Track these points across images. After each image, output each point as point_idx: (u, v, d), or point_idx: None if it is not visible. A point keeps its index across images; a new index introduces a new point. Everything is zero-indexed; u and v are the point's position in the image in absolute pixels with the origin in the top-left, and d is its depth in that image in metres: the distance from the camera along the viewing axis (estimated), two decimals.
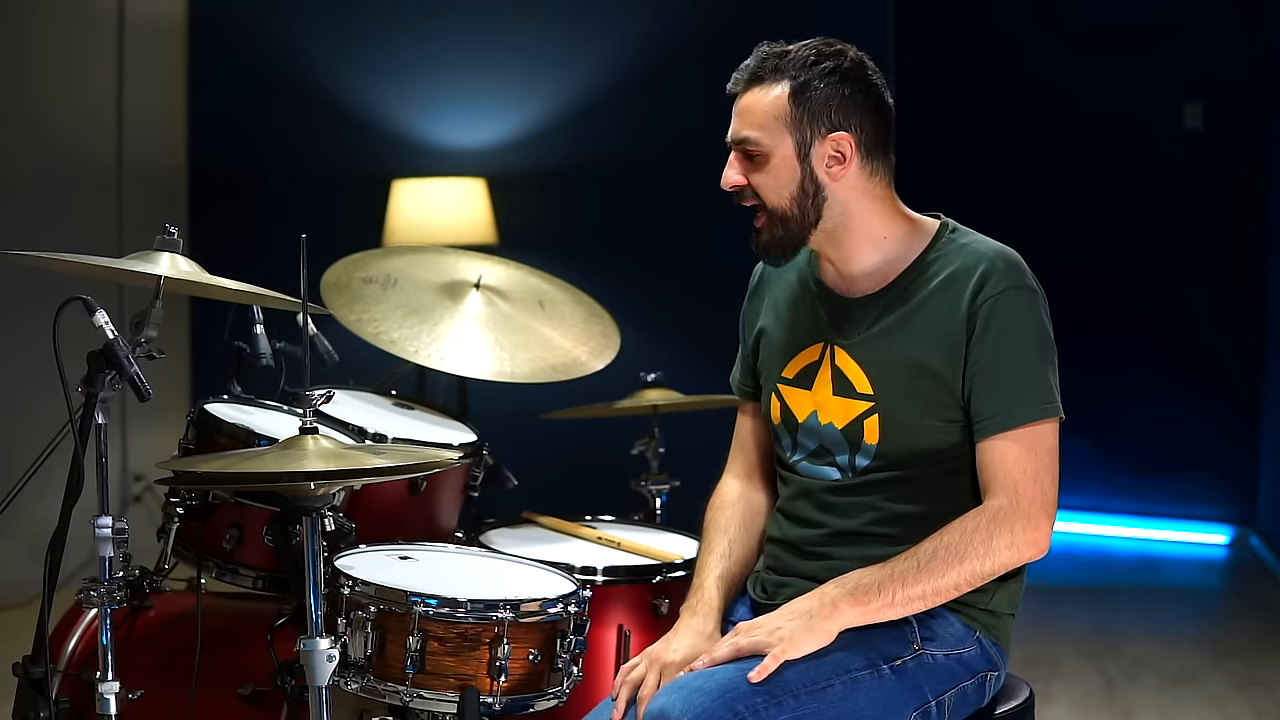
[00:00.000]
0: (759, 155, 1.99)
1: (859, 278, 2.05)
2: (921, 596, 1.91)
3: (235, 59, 5.64)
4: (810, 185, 1.99)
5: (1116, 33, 6.32)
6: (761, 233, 2.03)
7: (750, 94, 2.01)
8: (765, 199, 2.00)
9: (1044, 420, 1.96)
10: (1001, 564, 1.93)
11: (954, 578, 1.91)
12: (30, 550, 3.60)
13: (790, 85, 1.98)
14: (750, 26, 5.30)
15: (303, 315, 2.05)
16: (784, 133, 1.98)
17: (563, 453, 4.81)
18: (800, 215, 2.00)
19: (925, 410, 1.98)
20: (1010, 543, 1.92)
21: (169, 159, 5.62)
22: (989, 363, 1.95)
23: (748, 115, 2.00)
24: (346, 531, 2.07)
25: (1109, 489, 6.50)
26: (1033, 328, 1.97)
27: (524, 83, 5.47)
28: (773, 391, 2.13)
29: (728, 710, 1.79)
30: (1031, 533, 1.93)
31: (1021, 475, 1.94)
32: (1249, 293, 6.16)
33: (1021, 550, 1.93)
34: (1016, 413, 1.95)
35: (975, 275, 1.97)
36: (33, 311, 2.75)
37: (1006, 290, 1.96)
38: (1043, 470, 1.95)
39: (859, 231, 2.02)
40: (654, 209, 5.18)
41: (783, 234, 2.01)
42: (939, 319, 1.98)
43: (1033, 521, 1.93)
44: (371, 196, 5.28)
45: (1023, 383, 1.95)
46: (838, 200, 2.00)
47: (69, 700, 2.17)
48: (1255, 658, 4.46)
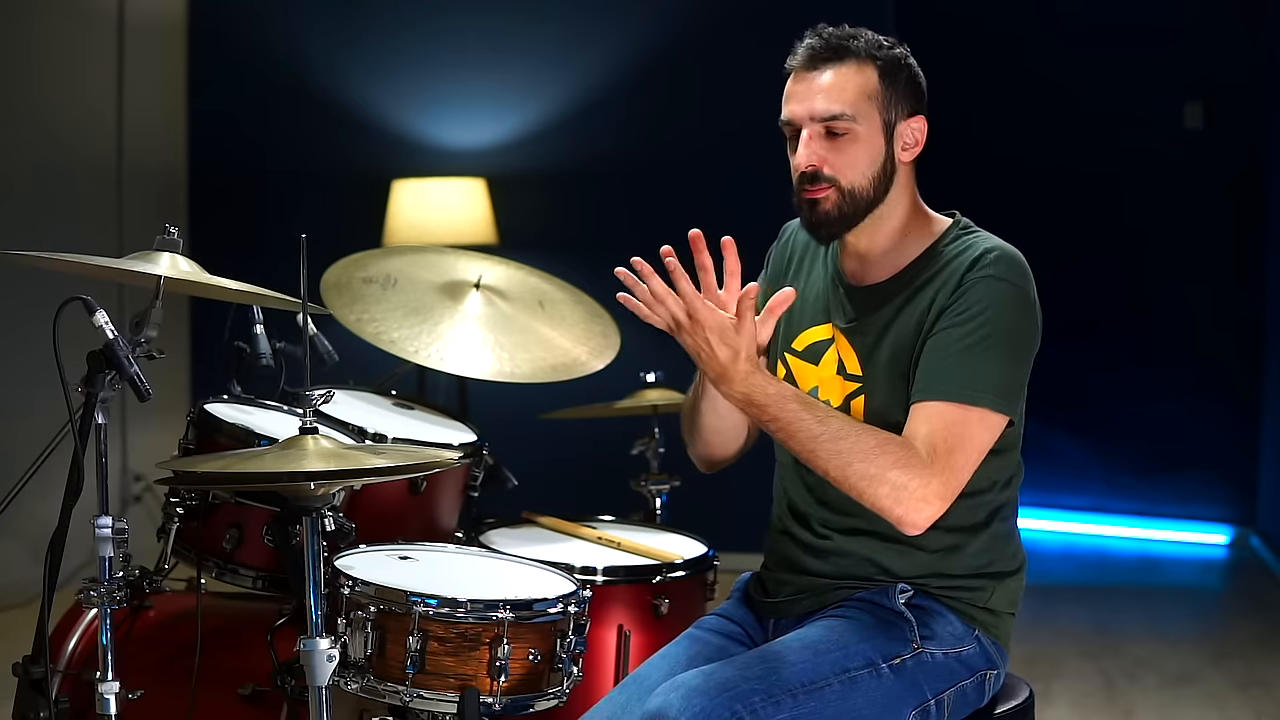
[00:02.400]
0: (846, 133, 1.98)
1: (873, 266, 2.07)
2: (808, 450, 1.88)
3: (235, 59, 5.64)
4: (889, 166, 2.01)
5: (1117, 32, 6.32)
6: (822, 204, 2.00)
7: (836, 71, 1.99)
8: (843, 177, 1.99)
9: (976, 406, 1.91)
10: (875, 495, 1.86)
11: (837, 464, 1.87)
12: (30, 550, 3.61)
13: (878, 66, 1.99)
14: (749, 26, 5.35)
15: (303, 315, 2.05)
16: (873, 112, 1.99)
17: (563, 453, 4.81)
18: (872, 195, 2.00)
19: (909, 396, 1.98)
20: (897, 486, 1.85)
21: (169, 159, 5.62)
22: (942, 333, 1.94)
23: (836, 92, 1.98)
24: (346, 531, 2.07)
25: (1109, 489, 6.50)
26: (1003, 320, 1.94)
27: (524, 83, 5.47)
28: (779, 359, 2.14)
29: (725, 710, 1.79)
30: (920, 498, 1.85)
31: (941, 442, 1.88)
32: (1249, 293, 6.17)
33: (901, 501, 1.85)
34: (949, 389, 1.91)
35: (969, 261, 1.98)
36: (33, 311, 2.75)
37: (989, 278, 1.96)
38: (960, 449, 1.89)
39: (896, 219, 2.05)
40: (654, 209, 5.18)
41: (849, 212, 2.00)
42: (926, 307, 1.99)
43: (929, 489, 1.86)
44: (371, 196, 5.29)
45: (969, 363, 1.92)
46: (898, 184, 2.03)
47: (69, 700, 2.17)
48: (1255, 658, 4.46)
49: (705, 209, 3.40)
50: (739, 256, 1.97)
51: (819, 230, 2.04)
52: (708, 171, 5.30)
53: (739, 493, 3.69)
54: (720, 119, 5.36)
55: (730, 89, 5.33)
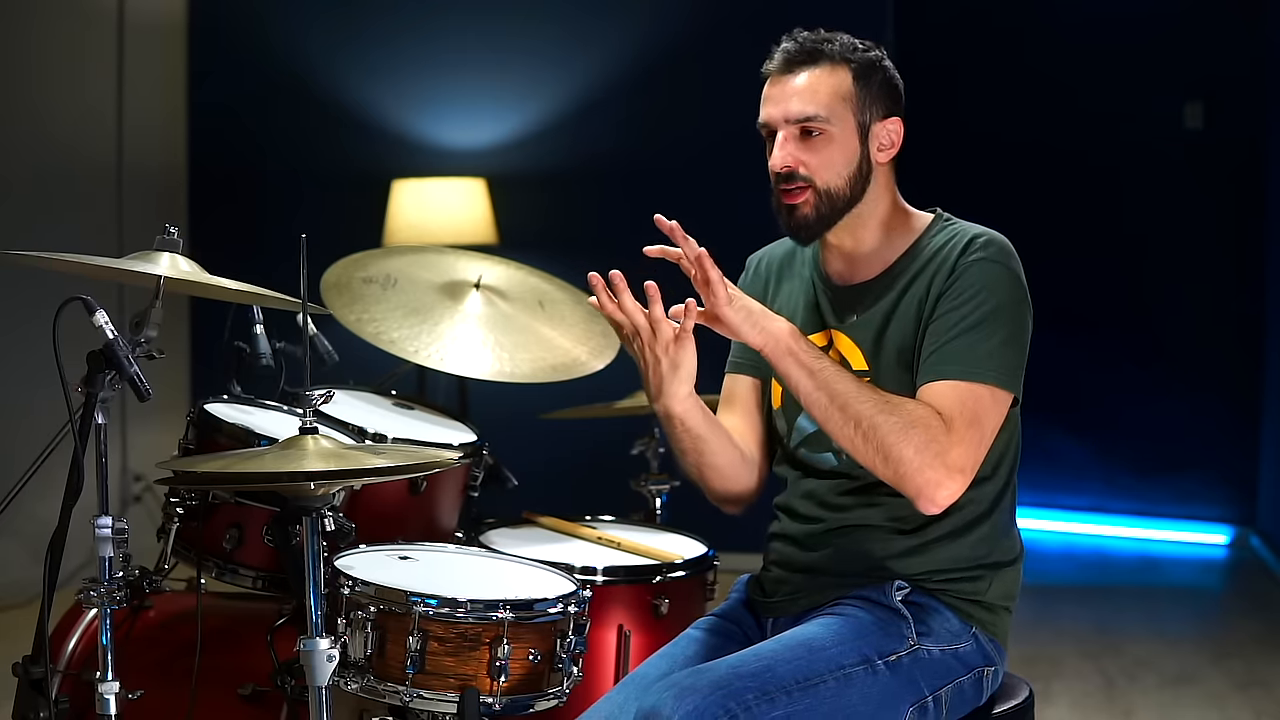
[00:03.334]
0: (820, 134, 2.01)
1: (861, 265, 2.09)
2: (839, 405, 1.90)
3: (235, 58, 5.64)
4: (865, 166, 2.04)
5: (1117, 29, 6.32)
6: (800, 208, 2.03)
7: (810, 74, 2.02)
8: (818, 178, 2.01)
9: (984, 383, 1.93)
10: (900, 456, 1.87)
11: (866, 413, 1.89)
12: (30, 550, 3.60)
13: (852, 68, 2.02)
14: (749, 27, 5.32)
15: (303, 315, 2.05)
16: (848, 113, 2.02)
17: (563, 453, 4.81)
18: (849, 196, 2.03)
19: (914, 385, 1.99)
20: (922, 449, 1.87)
21: (169, 158, 5.62)
22: (941, 318, 1.97)
23: (810, 94, 2.01)
24: (346, 531, 2.07)
25: (1109, 489, 6.50)
26: (1000, 300, 1.97)
27: (524, 83, 5.47)
28: (774, 377, 2.14)
29: (719, 708, 1.79)
30: (940, 467, 1.88)
31: (958, 415, 1.91)
32: (1249, 291, 6.17)
33: (923, 469, 1.87)
34: (955, 368, 1.94)
35: (959, 246, 2.01)
36: (33, 311, 2.75)
37: (982, 260, 1.99)
38: (976, 423, 1.91)
39: (877, 218, 2.07)
40: (654, 209, 5.16)
41: (827, 213, 2.03)
42: (923, 295, 2.01)
43: (950, 458, 1.88)
44: (371, 196, 5.29)
45: (972, 343, 1.94)
46: (875, 185, 2.05)
47: (69, 700, 2.17)
48: (1255, 658, 4.46)
49: (705, 209, 3.40)
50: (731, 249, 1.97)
51: (799, 233, 2.06)
52: (708, 171, 5.30)
53: None
54: (720, 119, 5.35)
55: (730, 89, 5.31)
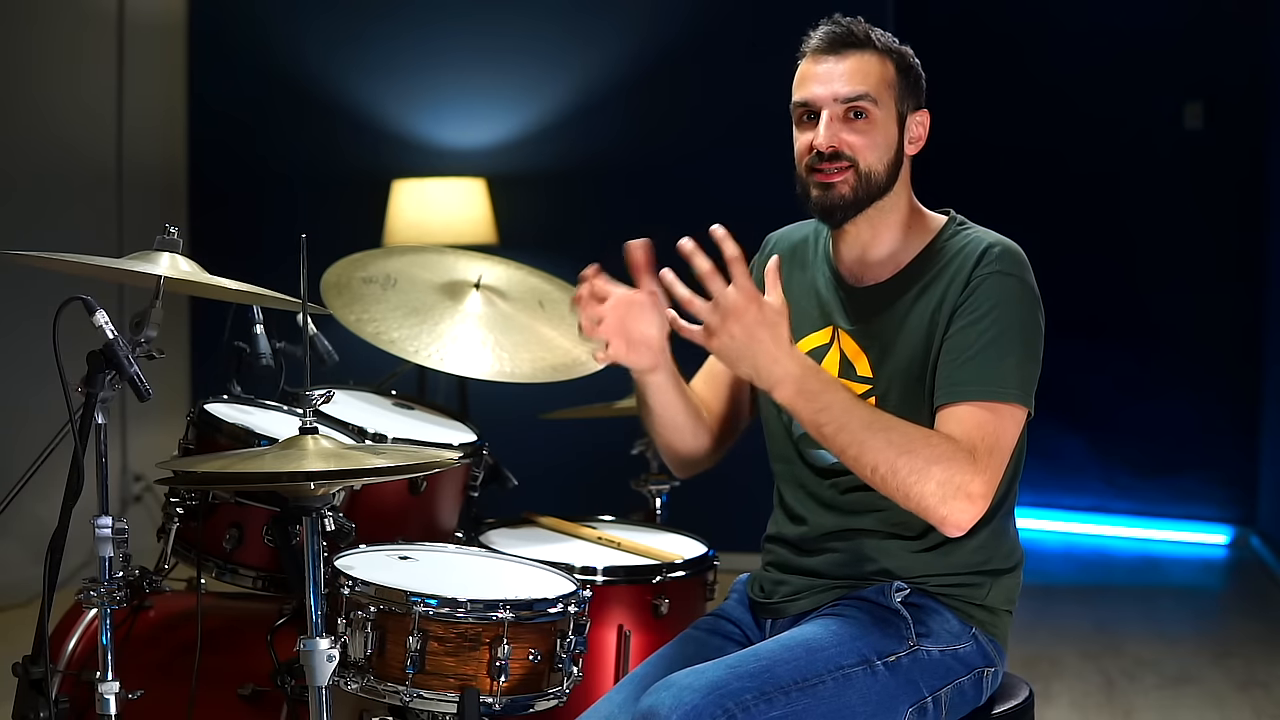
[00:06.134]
0: (866, 116, 2.02)
1: (873, 264, 2.09)
2: (856, 443, 1.86)
3: (235, 59, 5.64)
4: (900, 155, 2.05)
5: (1117, 33, 6.32)
6: (839, 187, 2.02)
7: (859, 58, 2.03)
8: (861, 159, 2.01)
9: (1003, 403, 1.92)
10: (921, 493, 1.85)
11: (888, 457, 1.85)
12: (30, 550, 3.61)
13: (893, 59, 2.04)
14: (749, 26, 5.36)
15: (303, 315, 2.05)
16: (891, 100, 2.03)
17: (563, 453, 4.81)
18: (884, 182, 2.03)
19: (925, 397, 1.98)
20: (944, 483, 1.85)
21: (169, 159, 5.62)
22: (958, 334, 1.96)
23: (862, 76, 2.02)
24: (346, 531, 2.07)
25: (1109, 489, 6.50)
26: (1016, 315, 1.96)
27: (524, 83, 5.47)
28: None
29: (717, 708, 1.79)
30: (966, 496, 1.85)
31: (980, 441, 1.89)
32: (1249, 293, 6.17)
33: (946, 500, 1.85)
34: (976, 389, 1.92)
35: (974, 258, 2.00)
36: (33, 311, 2.75)
37: (996, 273, 1.98)
38: (997, 448, 1.90)
39: (896, 214, 2.07)
40: (654, 209, 5.18)
41: (863, 195, 2.03)
42: (935, 306, 2.00)
43: (974, 488, 1.86)
44: (371, 196, 5.29)
45: (990, 361, 1.93)
46: (901, 178, 2.06)
47: (69, 700, 2.17)
48: (1255, 658, 4.46)
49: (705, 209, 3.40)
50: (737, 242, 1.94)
51: (834, 213, 2.04)
52: (708, 171, 5.30)
53: (739, 493, 3.69)
54: (720, 119, 5.36)
55: (730, 89, 5.34)
